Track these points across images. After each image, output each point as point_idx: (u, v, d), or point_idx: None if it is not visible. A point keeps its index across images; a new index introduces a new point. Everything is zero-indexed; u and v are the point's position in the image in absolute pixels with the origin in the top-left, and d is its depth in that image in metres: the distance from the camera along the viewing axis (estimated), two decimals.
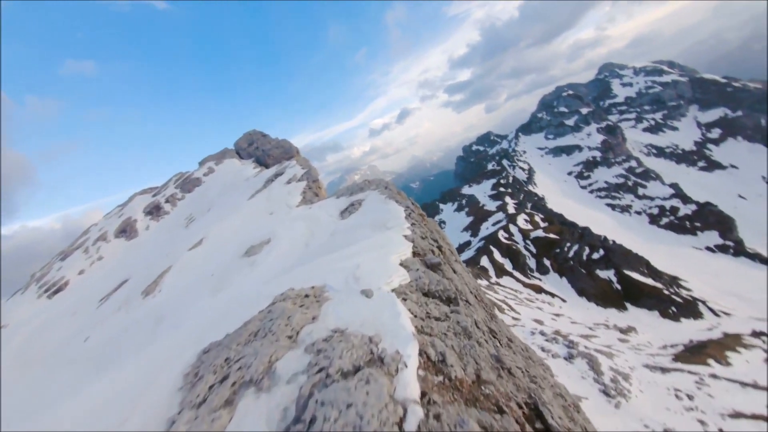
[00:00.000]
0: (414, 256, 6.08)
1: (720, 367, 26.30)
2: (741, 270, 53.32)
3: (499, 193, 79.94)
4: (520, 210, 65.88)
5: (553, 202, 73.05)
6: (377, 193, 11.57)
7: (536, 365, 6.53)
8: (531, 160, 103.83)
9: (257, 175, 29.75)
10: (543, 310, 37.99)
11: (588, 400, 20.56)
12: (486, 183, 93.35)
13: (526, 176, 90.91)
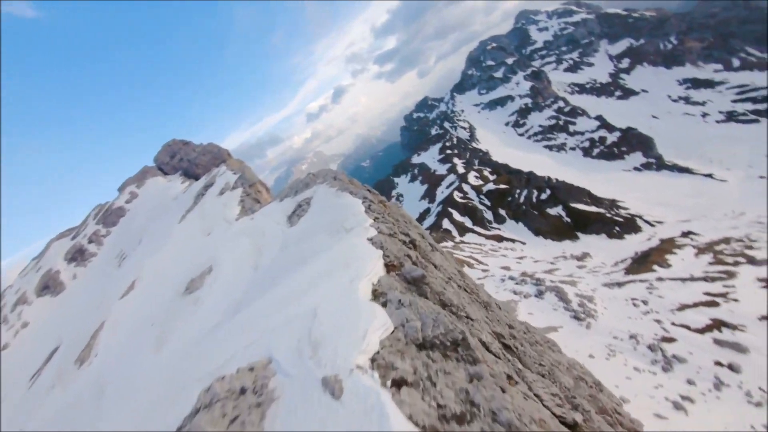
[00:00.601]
0: (388, 272, 4.77)
1: (663, 270, 29.59)
2: (664, 182, 60.22)
3: (446, 156, 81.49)
4: (469, 168, 67.79)
5: (497, 153, 76.14)
6: (326, 187, 9.91)
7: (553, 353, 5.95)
8: (470, 118, 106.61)
9: (186, 190, 26.62)
10: (507, 257, 39.96)
11: (563, 328, 22.02)
12: (433, 148, 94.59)
13: (469, 134, 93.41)
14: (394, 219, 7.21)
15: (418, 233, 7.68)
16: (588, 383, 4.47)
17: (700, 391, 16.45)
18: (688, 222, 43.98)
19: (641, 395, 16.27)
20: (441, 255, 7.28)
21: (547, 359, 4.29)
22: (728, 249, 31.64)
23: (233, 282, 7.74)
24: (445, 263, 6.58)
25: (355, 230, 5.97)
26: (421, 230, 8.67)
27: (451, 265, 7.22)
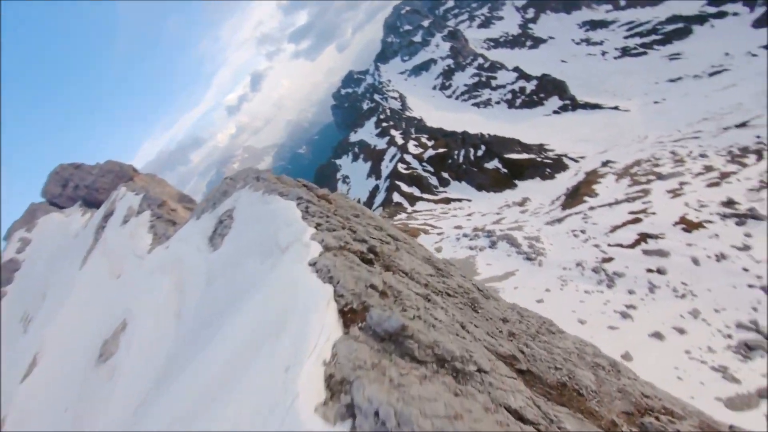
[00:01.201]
0: (347, 325, 3.15)
1: (592, 199, 32.85)
2: (580, 120, 66.27)
3: (383, 129, 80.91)
4: (407, 138, 68.13)
5: (431, 119, 77.40)
6: (249, 193, 8.10)
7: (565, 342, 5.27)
8: (398, 87, 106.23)
9: (88, 223, 22.55)
10: (458, 216, 41.53)
11: (519, 270, 23.56)
12: (368, 123, 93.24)
13: (400, 104, 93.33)
14: (342, 218, 5.90)
15: (374, 228, 6.46)
16: (605, 368, 3.95)
17: (640, 298, 18.78)
18: (605, 153, 49.11)
19: (594, 314, 18.13)
20: (407, 247, 6.08)
21: (558, 354, 3.84)
22: (640, 170, 35.97)
23: (154, 340, 6.33)
24: (415, 261, 5.36)
25: (292, 248, 4.51)
26: (378, 220, 7.35)
27: (420, 255, 6.11)
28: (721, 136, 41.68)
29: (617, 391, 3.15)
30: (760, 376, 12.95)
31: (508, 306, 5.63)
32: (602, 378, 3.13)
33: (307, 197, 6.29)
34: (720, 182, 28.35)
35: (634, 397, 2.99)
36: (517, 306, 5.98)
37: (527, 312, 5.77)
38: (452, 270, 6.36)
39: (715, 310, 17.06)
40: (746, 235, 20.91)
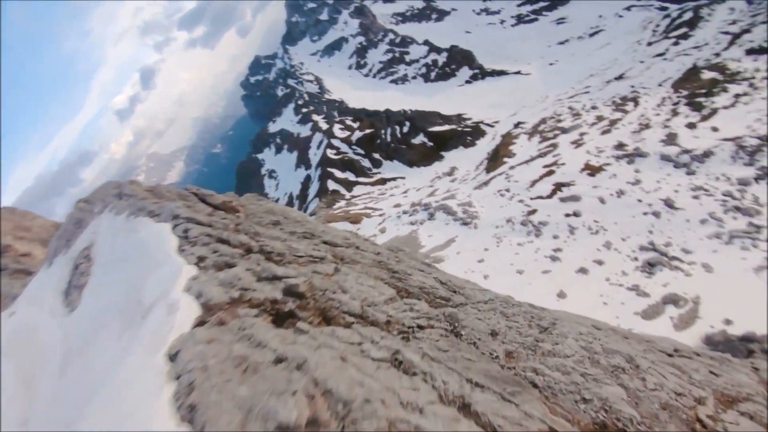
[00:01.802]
0: None
1: (511, 159, 35.68)
2: (490, 87, 71.03)
3: (304, 115, 77.34)
4: (331, 122, 66.14)
5: (352, 99, 76.11)
6: (110, 218, 5.61)
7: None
8: (313, 69, 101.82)
9: None
10: (395, 195, 42.08)
11: (458, 236, 24.73)
12: (286, 111, 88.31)
13: (318, 87, 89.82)
14: (250, 234, 4.13)
15: (303, 237, 4.79)
16: (626, 369, 2.83)
17: (563, 240, 21.08)
18: (515, 115, 53.52)
19: (529, 262, 19.93)
20: (352, 255, 4.51)
21: (573, 370, 2.70)
22: (546, 127, 39.94)
23: None
24: (365, 279, 3.82)
25: (152, 315, 2.56)
26: (308, 224, 5.49)
27: (369, 259, 4.70)
28: (605, 88, 48.22)
29: (661, 408, 2.32)
30: (662, 287, 15.51)
31: (485, 302, 4.47)
32: (633, 390, 2.52)
33: (186, 214, 4.24)
34: (610, 129, 32.85)
35: (684, 413, 2.35)
36: (491, 295, 5.03)
37: (507, 304, 4.63)
38: (408, 263, 5.43)
39: (622, 239, 19.91)
40: (636, 171, 24.63)
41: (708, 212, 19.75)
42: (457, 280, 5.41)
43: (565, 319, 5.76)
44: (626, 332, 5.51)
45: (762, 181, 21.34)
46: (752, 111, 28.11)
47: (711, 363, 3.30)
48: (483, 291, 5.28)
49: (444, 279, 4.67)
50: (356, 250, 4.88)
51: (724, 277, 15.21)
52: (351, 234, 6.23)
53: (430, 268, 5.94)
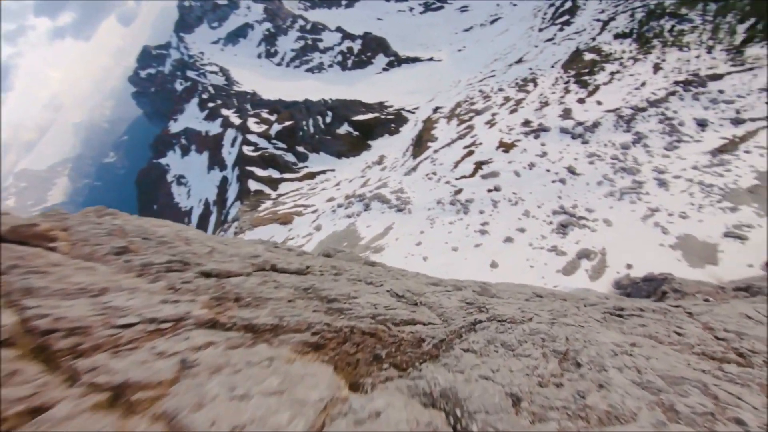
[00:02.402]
0: None
1: (434, 143, 37.06)
2: (406, 73, 72.89)
3: (211, 110, 70.16)
4: (244, 116, 61.15)
5: (265, 91, 71.36)
6: None
7: None
8: (216, 59, 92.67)
9: None
10: (327, 189, 40.85)
11: (395, 223, 24.93)
12: (189, 107, 79.20)
13: (224, 79, 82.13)
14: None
15: (163, 270, 2.85)
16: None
17: (489, 214, 22.58)
18: (433, 100, 55.80)
19: (461, 238, 20.95)
20: (257, 303, 2.71)
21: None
22: (462, 110, 42.34)
23: None
24: (270, 350, 2.11)
25: None
26: (184, 247, 3.42)
27: (295, 292, 3.13)
28: (508, 72, 52.88)
29: None
30: (575, 244, 17.54)
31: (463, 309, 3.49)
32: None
33: None
34: (517, 108, 36.11)
35: None
36: (448, 285, 4.34)
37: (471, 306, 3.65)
38: (351, 272, 4.10)
39: (538, 206, 22.05)
40: (542, 145, 27.46)
41: (602, 174, 22.99)
42: (413, 282, 4.44)
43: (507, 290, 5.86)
44: (564, 294, 5.73)
45: (638, 144, 25.58)
46: (624, 86, 33.46)
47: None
48: (437, 284, 4.77)
49: (400, 289, 3.62)
50: (265, 277, 3.20)
51: (621, 228, 17.83)
52: (265, 246, 4.73)
53: (378, 271, 4.88)
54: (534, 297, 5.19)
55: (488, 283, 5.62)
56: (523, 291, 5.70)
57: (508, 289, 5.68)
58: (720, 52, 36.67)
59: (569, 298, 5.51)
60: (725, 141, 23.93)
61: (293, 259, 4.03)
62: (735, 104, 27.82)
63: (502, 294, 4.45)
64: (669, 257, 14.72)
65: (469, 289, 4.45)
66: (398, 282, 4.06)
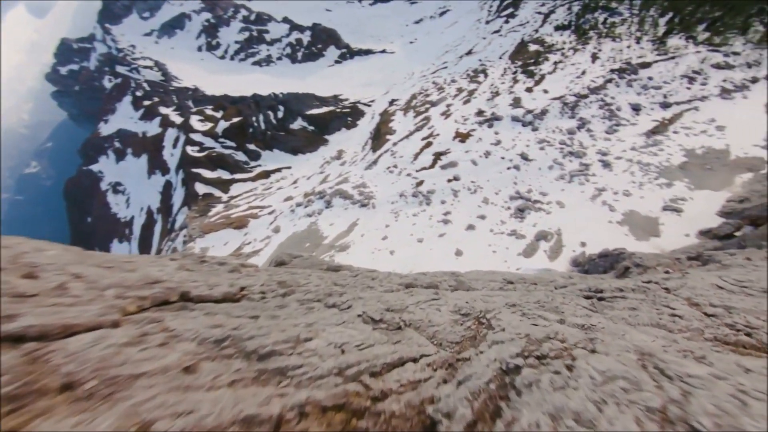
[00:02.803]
0: None
1: (392, 136, 36.96)
2: (360, 66, 72.01)
3: (147, 109, 64.38)
4: (185, 114, 56.82)
5: (208, 86, 66.90)
6: None
7: None
8: (150, 53, 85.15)
9: None
10: (284, 187, 39.25)
11: (360, 219, 24.50)
12: (122, 106, 72.14)
13: (161, 74, 75.70)
14: None
15: None
16: None
17: (450, 204, 22.91)
18: (388, 93, 55.72)
19: (425, 229, 21.05)
20: None
21: None
22: (418, 102, 42.67)
23: None
24: None
25: None
26: None
27: (208, 353, 1.79)
28: (459, 63, 54.13)
29: None
30: (532, 227, 18.27)
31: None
32: None
33: None
34: (470, 99, 37.02)
35: None
36: (426, 296, 3.50)
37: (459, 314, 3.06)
38: (305, 288, 3.36)
39: (495, 193, 22.75)
40: (496, 133, 28.36)
41: (552, 159, 24.23)
42: (392, 296, 3.40)
43: (480, 278, 5.71)
44: (532, 277, 5.67)
45: (582, 129, 27.30)
46: (567, 75, 35.56)
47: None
48: (412, 284, 4.18)
49: (375, 311, 2.65)
50: (154, 323, 1.92)
51: (573, 208, 18.87)
52: (182, 262, 3.23)
53: (343, 280, 4.05)
54: (506, 284, 5.06)
55: (459, 274, 5.42)
56: (494, 278, 5.58)
57: (480, 278, 5.53)
58: (647, 42, 40.29)
59: (538, 281, 5.44)
60: (656, 123, 26.32)
61: (221, 279, 2.93)
62: (662, 89, 30.71)
63: (476, 284, 4.24)
64: (617, 233, 15.80)
65: (445, 283, 4.18)
66: (371, 297, 3.11)
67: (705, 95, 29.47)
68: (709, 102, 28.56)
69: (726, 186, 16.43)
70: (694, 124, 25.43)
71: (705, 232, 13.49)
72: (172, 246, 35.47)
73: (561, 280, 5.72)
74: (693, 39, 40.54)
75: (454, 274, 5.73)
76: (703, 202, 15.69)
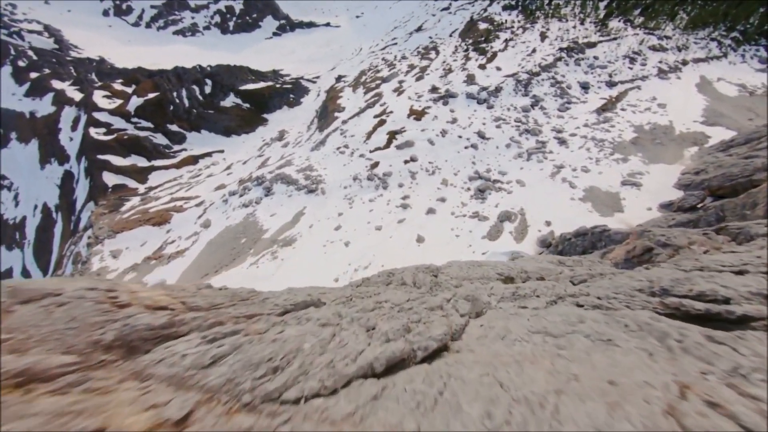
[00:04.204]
0: None
1: (341, 113, 34.79)
2: (302, 40, 67.71)
3: (34, 83, 54.25)
4: (87, 89, 48.79)
5: (118, 57, 58.24)
6: None
7: None
8: (38, 15, 71.88)
9: None
10: (214, 174, 35.32)
11: (307, 208, 22.42)
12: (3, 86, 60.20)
13: (53, 40, 64.29)
14: None
15: None
16: None
17: (408, 187, 21.76)
18: (335, 69, 52.97)
19: (384, 215, 19.69)
20: None
21: None
22: (368, 78, 40.75)
23: None
24: None
25: None
26: None
27: None
28: (409, 39, 53.00)
29: None
30: (495, 208, 17.76)
31: None
32: None
33: None
34: (423, 75, 36.04)
35: None
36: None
37: None
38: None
39: (454, 174, 22.04)
40: (451, 111, 27.67)
41: (509, 137, 24.11)
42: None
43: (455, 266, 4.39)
44: (528, 268, 4.41)
45: (536, 107, 27.65)
46: (518, 52, 36.03)
47: None
48: (379, 307, 2.65)
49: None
50: None
51: (534, 187, 18.70)
52: None
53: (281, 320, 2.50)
54: (506, 280, 3.74)
55: (435, 269, 3.99)
56: (486, 273, 4.27)
57: (466, 275, 4.18)
58: (590, 24, 42.42)
59: (533, 272, 4.18)
60: (604, 101, 27.51)
61: None
62: (607, 69, 32.34)
63: (465, 284, 2.82)
64: (581, 209, 15.76)
65: (423, 286, 2.69)
66: None
67: (645, 75, 31.57)
68: (649, 81, 30.62)
69: (678, 159, 17.21)
70: (639, 102, 27.00)
71: (666, 205, 13.74)
72: (75, 251, 30.14)
73: (558, 268, 4.55)
74: (630, 22, 43.56)
75: (429, 273, 4.31)
76: (659, 176, 16.21)
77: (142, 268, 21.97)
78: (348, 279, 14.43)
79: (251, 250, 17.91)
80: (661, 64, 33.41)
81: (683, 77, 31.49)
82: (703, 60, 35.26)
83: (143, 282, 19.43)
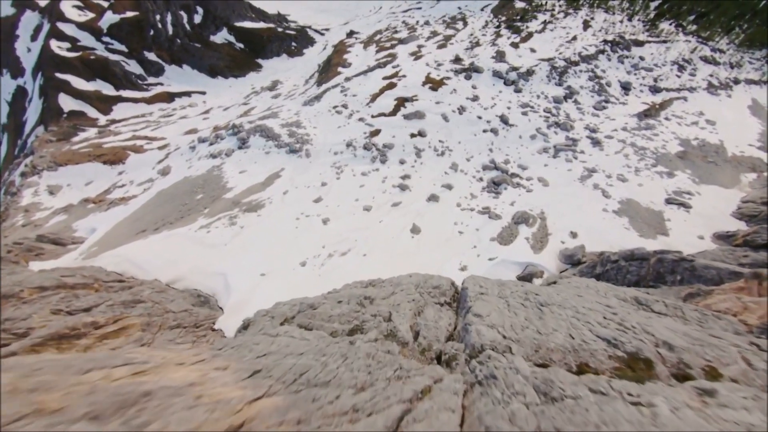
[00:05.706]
0: None
1: (346, 69, 31.71)
2: None
3: None
4: None
5: None
6: None
7: None
8: None
9: None
10: (189, 116, 32.01)
11: (285, 169, 19.76)
12: None
13: None
14: None
15: None
16: None
17: (410, 165, 19.28)
18: (347, 24, 49.12)
19: (376, 195, 17.27)
20: None
21: None
22: (383, 37, 37.44)
23: None
24: None
25: None
26: None
27: None
28: (436, 6, 49.45)
29: None
30: (510, 206, 15.47)
31: None
32: None
33: None
34: (446, 44, 33.02)
35: None
36: None
37: None
38: None
39: (467, 159, 19.62)
40: (473, 87, 25.00)
41: (536, 128, 21.67)
42: None
43: None
44: None
45: (570, 99, 25.16)
46: (556, 37, 33.22)
47: None
48: None
49: None
50: None
51: (559, 188, 16.43)
52: None
53: None
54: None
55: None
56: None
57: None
58: (638, 21, 39.69)
59: None
60: (647, 106, 25.19)
61: None
62: (653, 72, 29.91)
63: None
64: (615, 224, 13.59)
65: None
66: None
67: (693, 86, 29.29)
68: (696, 94, 28.37)
69: (735, 184, 15.11)
70: (685, 114, 24.78)
71: (724, 236, 11.62)
72: (9, 179, 26.81)
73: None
74: (682, 27, 40.98)
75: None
76: (712, 200, 14.09)
77: (76, 211, 19.10)
78: (318, 265, 12.01)
79: (206, 210, 15.24)
80: (711, 78, 31.16)
81: (734, 96, 29.37)
82: (756, 82, 33.14)
83: (72, 227, 16.62)
